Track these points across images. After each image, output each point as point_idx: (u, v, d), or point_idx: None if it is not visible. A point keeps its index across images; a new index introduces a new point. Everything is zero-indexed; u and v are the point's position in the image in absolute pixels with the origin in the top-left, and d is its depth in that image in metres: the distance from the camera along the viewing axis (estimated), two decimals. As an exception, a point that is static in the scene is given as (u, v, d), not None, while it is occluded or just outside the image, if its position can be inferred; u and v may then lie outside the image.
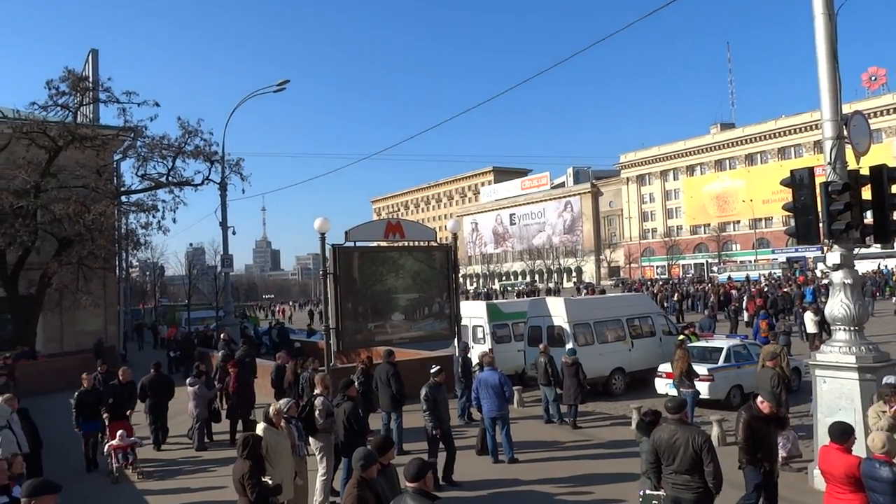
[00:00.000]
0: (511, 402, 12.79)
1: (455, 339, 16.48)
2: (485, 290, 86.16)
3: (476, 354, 15.26)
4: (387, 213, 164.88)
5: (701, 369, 13.94)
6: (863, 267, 43.26)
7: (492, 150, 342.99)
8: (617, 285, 78.04)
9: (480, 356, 12.50)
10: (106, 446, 11.64)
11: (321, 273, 15.80)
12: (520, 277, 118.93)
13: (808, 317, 21.76)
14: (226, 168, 28.38)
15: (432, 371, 10.79)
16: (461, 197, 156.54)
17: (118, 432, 11.53)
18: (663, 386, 14.81)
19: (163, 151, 26.32)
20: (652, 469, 6.55)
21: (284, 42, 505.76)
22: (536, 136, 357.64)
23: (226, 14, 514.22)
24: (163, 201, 26.56)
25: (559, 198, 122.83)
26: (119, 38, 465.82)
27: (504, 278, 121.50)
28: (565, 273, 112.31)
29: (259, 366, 19.44)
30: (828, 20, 8.96)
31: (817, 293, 33.10)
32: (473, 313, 18.95)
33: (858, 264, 10.02)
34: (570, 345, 15.63)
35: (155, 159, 26.55)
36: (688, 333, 16.77)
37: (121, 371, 12.70)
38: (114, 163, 29.02)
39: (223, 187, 28.74)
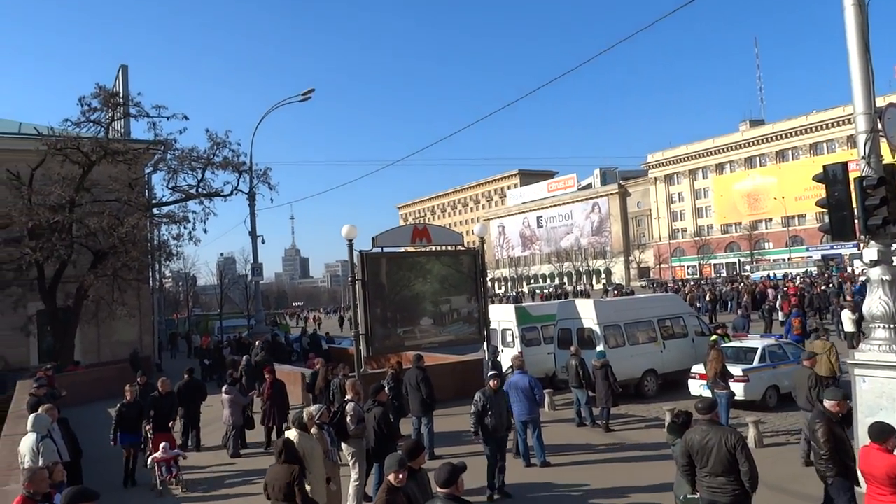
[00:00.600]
0: (542, 406, 12.72)
1: (484, 343, 16.45)
2: (513, 294, 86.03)
3: (506, 358, 15.23)
4: (413, 219, 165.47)
5: (735, 370, 13.70)
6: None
7: (517, 153, 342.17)
8: (647, 286, 77.31)
9: (513, 359, 12.48)
10: (149, 459, 11.42)
11: (349, 279, 15.88)
12: (548, 280, 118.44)
13: (846, 315, 21.28)
14: (254, 178, 28.81)
15: (489, 375, 10.47)
16: (487, 201, 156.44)
17: (161, 444, 11.33)
18: (697, 387, 14.59)
19: (192, 163, 26.70)
20: (685, 471, 6.46)
21: (308, 52, 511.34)
22: (562, 139, 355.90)
23: (250, 28, 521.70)
24: (193, 212, 26.97)
25: (586, 199, 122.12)
26: (147, 54, 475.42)
27: (532, 281, 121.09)
28: (594, 275, 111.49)
29: (289, 373, 19.63)
30: (858, 11, 8.78)
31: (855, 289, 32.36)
32: (502, 317, 18.89)
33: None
34: (601, 347, 15.50)
35: (185, 171, 26.96)
36: (720, 334, 16.51)
37: (160, 382, 12.57)
38: (145, 176, 29.51)
39: (252, 197, 29.15)
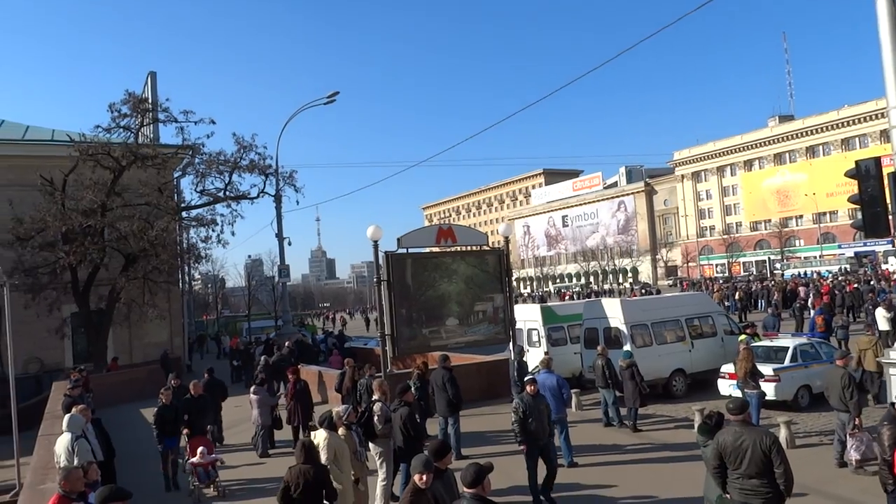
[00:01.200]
0: (569, 406, 12.64)
1: (510, 343, 16.41)
2: (539, 293, 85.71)
3: (532, 358, 15.17)
4: (438, 219, 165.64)
5: (766, 369, 13.52)
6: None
7: (542, 152, 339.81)
8: (675, 285, 76.49)
9: (541, 361, 12.43)
10: (186, 464, 11.11)
11: (375, 280, 15.95)
12: (574, 279, 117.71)
13: (881, 313, 20.82)
14: (280, 181, 29.02)
15: (526, 380, 10.13)
16: (512, 200, 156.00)
17: (199, 449, 11.02)
18: (726, 387, 14.40)
19: (219, 167, 27.00)
20: (716, 473, 6.36)
21: (334, 51, 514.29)
22: (587, 137, 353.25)
23: (274, 32, 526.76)
24: (221, 215, 27.30)
25: (612, 198, 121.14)
26: (174, 60, 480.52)
27: (558, 281, 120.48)
28: (621, 274, 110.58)
29: (312, 373, 19.79)
30: (891, 2, 8.60)
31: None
32: (528, 316, 18.84)
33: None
34: (627, 347, 15.38)
35: (212, 175, 27.27)
36: (750, 333, 16.27)
37: (192, 385, 12.47)
38: (174, 180, 29.99)
39: (278, 199, 29.38)
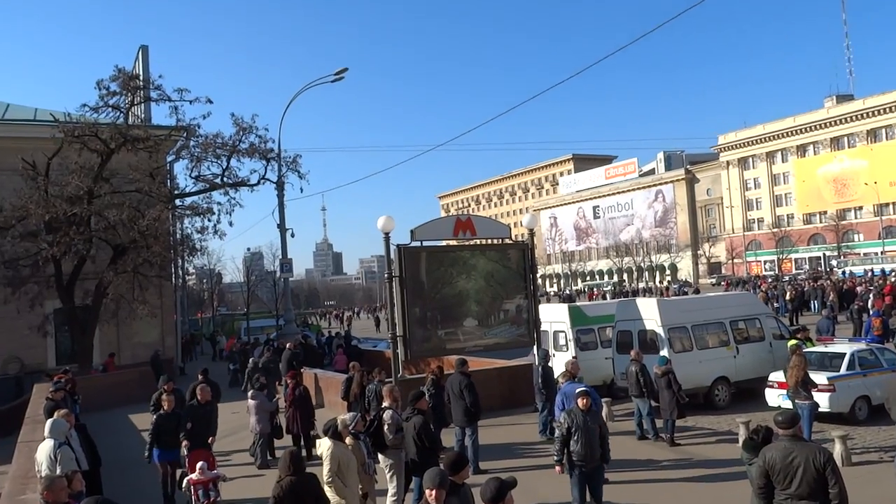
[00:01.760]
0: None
1: (534, 347, 16.38)
2: (566, 292, 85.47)
3: (559, 363, 15.13)
4: (456, 210, 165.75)
5: (820, 378, 13.36)
6: None
7: (571, 136, 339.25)
8: (718, 284, 75.94)
9: (567, 365, 12.40)
10: (185, 481, 10.59)
11: (386, 276, 15.98)
12: (606, 277, 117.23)
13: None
14: (282, 166, 29.16)
15: (577, 391, 9.54)
16: (538, 189, 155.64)
17: (198, 464, 10.44)
18: (775, 397, 14.29)
19: (217, 150, 27.17)
20: (761, 494, 6.28)
21: (341, 30, 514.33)
22: (622, 119, 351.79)
23: (278, 4, 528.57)
24: (218, 203, 27.46)
25: (649, 186, 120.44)
26: (168, 34, 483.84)
27: (588, 278, 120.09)
28: (657, 271, 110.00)
29: (322, 378, 19.87)
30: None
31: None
32: (554, 317, 18.79)
33: None
34: (664, 352, 15.30)
35: (209, 159, 27.46)
36: (801, 338, 16.12)
37: (198, 390, 12.02)
38: (167, 164, 30.16)
39: (280, 186, 29.53)
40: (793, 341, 14.93)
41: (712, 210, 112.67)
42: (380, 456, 9.40)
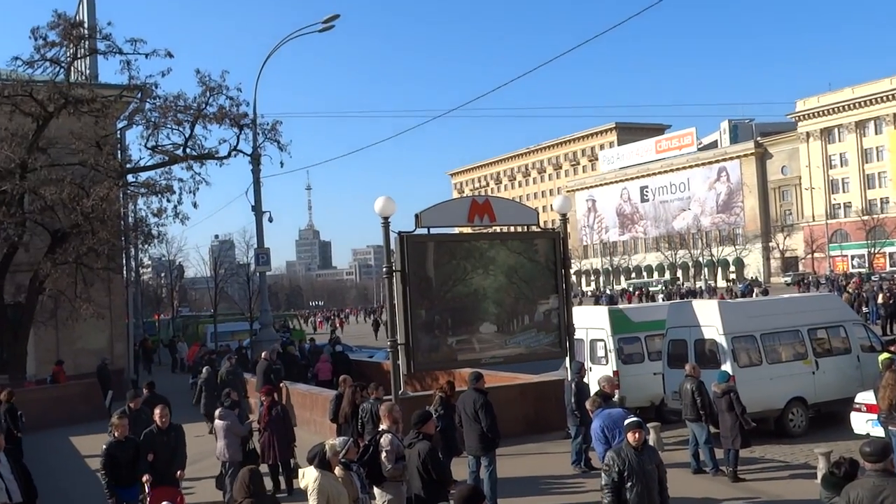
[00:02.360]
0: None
1: (566, 359, 16.39)
2: (607, 292, 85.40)
3: (596, 379, 15.13)
4: (471, 190, 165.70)
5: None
6: None
7: (614, 100, 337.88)
8: (794, 283, 75.67)
9: (601, 381, 12.40)
10: None
11: (384, 271, 16.00)
12: (655, 274, 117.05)
13: None
14: (258, 134, 29.19)
15: (627, 423, 8.88)
16: (572, 165, 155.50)
17: None
18: (863, 423, 14.26)
19: (178, 115, 27.25)
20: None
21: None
22: (676, 80, 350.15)
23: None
24: (179, 180, 27.58)
25: (710, 163, 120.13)
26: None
27: (633, 275, 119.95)
28: (719, 267, 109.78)
29: (297, 393, 19.95)
30: None
31: None
32: (592, 323, 18.83)
33: None
34: (727, 366, 15.29)
35: (168, 126, 27.56)
36: (894, 351, 16.04)
37: (157, 411, 11.56)
38: (117, 132, 30.29)
39: (256, 160, 29.58)
40: (885, 355, 14.88)
41: (788, 193, 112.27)
42: (376, 490, 9.43)
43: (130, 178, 28.64)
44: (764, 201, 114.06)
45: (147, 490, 10.77)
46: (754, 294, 50.74)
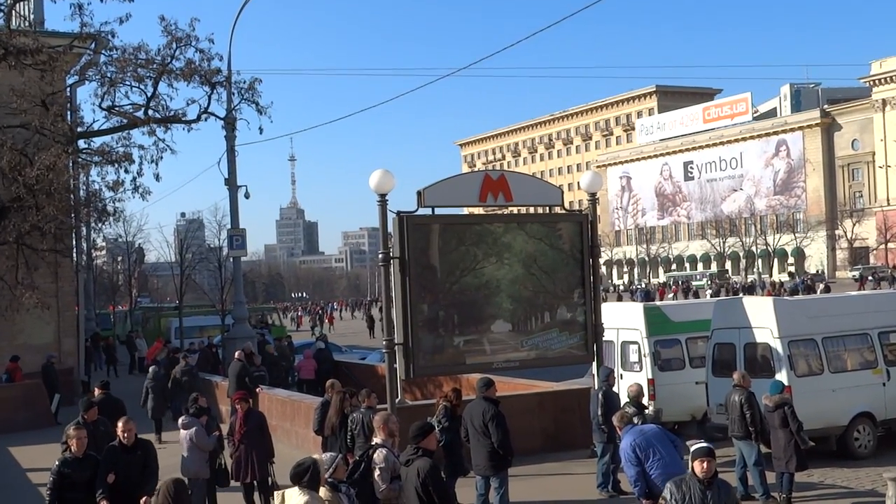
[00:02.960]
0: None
1: (593, 364, 16.43)
2: (642, 286, 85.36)
3: (627, 387, 15.18)
4: (483, 164, 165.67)
5: None
6: None
7: (654, 60, 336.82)
8: (863, 278, 75.46)
9: (630, 391, 12.43)
10: None
11: (380, 257, 16.03)
12: (700, 265, 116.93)
13: None
14: (234, 95, 29.11)
15: (694, 450, 8.18)
16: (604, 136, 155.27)
17: None
18: (942, 444, 14.32)
19: (139, 70, 27.20)
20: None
21: None
22: (728, 38, 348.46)
23: None
24: (140, 147, 27.62)
25: (767, 134, 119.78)
26: None
27: (674, 267, 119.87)
28: (776, 258, 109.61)
29: (278, 400, 20.04)
30: None
31: None
32: (624, 322, 18.91)
33: None
34: (782, 375, 15.31)
35: (127, 83, 27.52)
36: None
37: (121, 424, 11.02)
38: (67, 90, 30.22)
39: (230, 125, 29.49)
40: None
41: (859, 171, 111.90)
42: (367, 514, 9.50)
43: (82, 144, 28.63)
44: (831, 181, 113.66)
45: None
46: (817, 291, 50.71)
